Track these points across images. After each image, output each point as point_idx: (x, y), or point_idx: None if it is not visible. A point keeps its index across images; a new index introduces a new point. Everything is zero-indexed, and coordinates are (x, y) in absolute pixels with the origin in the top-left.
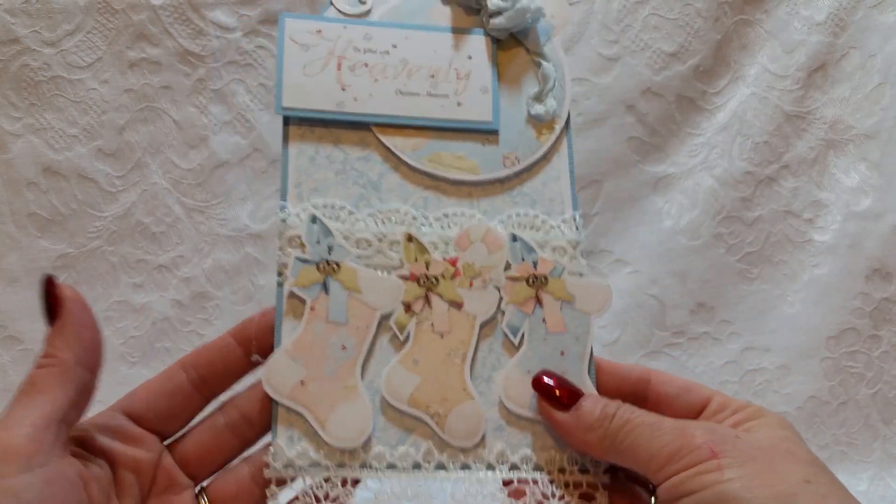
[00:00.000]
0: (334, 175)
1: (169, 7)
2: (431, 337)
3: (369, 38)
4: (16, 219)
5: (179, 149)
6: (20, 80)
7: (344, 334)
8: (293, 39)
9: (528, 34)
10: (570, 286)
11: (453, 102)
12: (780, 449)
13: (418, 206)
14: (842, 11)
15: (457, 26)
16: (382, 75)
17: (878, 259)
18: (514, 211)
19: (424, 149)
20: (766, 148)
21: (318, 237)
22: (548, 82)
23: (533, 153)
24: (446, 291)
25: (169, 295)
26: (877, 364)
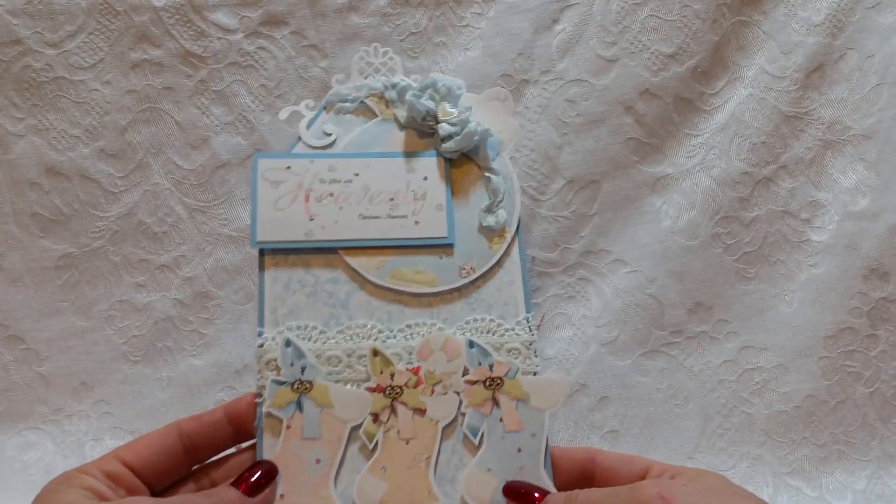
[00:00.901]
0: (306, 298)
1: (171, 9)
2: (398, 444)
3: (334, 168)
4: (18, 219)
5: (181, 149)
6: (22, 80)
7: (318, 449)
8: (265, 178)
9: (478, 152)
10: (524, 385)
11: (411, 221)
12: (727, 492)
13: (383, 319)
14: (840, 13)
15: (412, 150)
16: (346, 202)
17: (876, 259)
18: (471, 317)
19: (387, 266)
20: (763, 148)
21: (291, 360)
22: (497, 195)
23: (487, 261)
24: (410, 399)
25: (171, 294)
26: (874, 363)
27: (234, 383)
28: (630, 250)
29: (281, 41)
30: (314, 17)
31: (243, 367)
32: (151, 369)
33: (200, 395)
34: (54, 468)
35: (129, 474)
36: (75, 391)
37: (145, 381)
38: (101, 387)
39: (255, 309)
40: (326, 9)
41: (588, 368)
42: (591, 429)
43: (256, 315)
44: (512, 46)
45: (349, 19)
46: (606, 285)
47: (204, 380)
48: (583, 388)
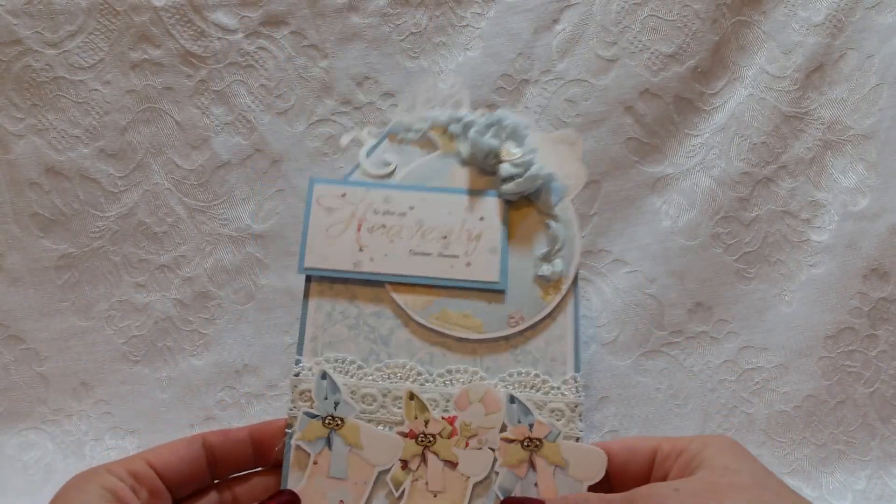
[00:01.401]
0: (348, 330)
1: (171, 9)
2: (425, 495)
3: (389, 200)
4: (18, 219)
5: (181, 149)
6: (22, 80)
7: (343, 489)
8: (319, 203)
9: (540, 195)
10: (564, 451)
11: (463, 262)
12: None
13: (424, 361)
14: (840, 13)
15: (472, 187)
16: (398, 236)
17: (876, 259)
18: (515, 369)
19: (433, 306)
20: (763, 148)
21: (326, 393)
22: (556, 243)
23: (538, 312)
24: (442, 450)
25: (171, 294)
26: (874, 363)
27: (234, 383)
28: (630, 250)
29: (281, 41)
30: (314, 17)
31: (243, 367)
32: (151, 369)
33: (200, 395)
34: (54, 468)
35: (153, 476)
36: (75, 391)
37: (145, 381)
38: (101, 387)
39: (256, 309)
40: (326, 9)
41: (588, 368)
42: (591, 429)
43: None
44: (512, 46)
45: (349, 19)
46: (606, 285)
47: (204, 380)
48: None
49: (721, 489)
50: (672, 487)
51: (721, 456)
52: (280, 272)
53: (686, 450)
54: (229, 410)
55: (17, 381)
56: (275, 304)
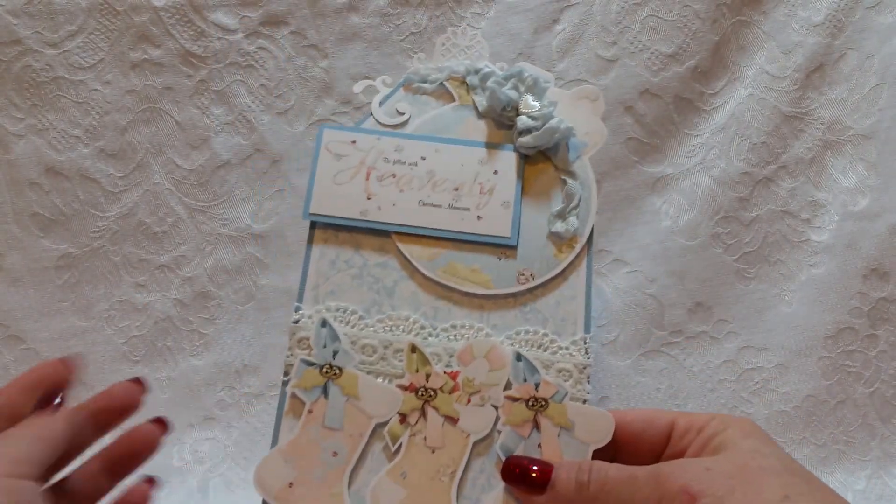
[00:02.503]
0: (351, 279)
1: (171, 9)
2: (423, 451)
3: (400, 149)
4: (18, 219)
5: (181, 149)
6: (22, 80)
7: (337, 440)
8: (328, 149)
9: (558, 151)
10: (571, 413)
11: (473, 216)
12: (752, 468)
13: (428, 315)
14: (840, 13)
15: (488, 140)
16: (408, 186)
17: (876, 259)
18: (523, 328)
19: (440, 259)
20: (763, 148)
21: (325, 341)
22: (572, 200)
23: (549, 270)
24: (443, 405)
25: (171, 294)
26: (874, 363)
27: (234, 383)
28: (630, 250)
29: (281, 41)
30: (314, 17)
31: (243, 367)
32: (151, 369)
33: (200, 395)
34: None
35: None
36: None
37: None
38: (101, 387)
39: (256, 309)
40: (326, 9)
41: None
42: None
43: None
44: (512, 46)
45: (349, 19)
46: (606, 285)
47: (204, 380)
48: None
49: (752, 472)
50: (703, 466)
51: (746, 439)
52: (280, 272)
53: (706, 427)
54: (229, 410)
55: None
56: (275, 304)
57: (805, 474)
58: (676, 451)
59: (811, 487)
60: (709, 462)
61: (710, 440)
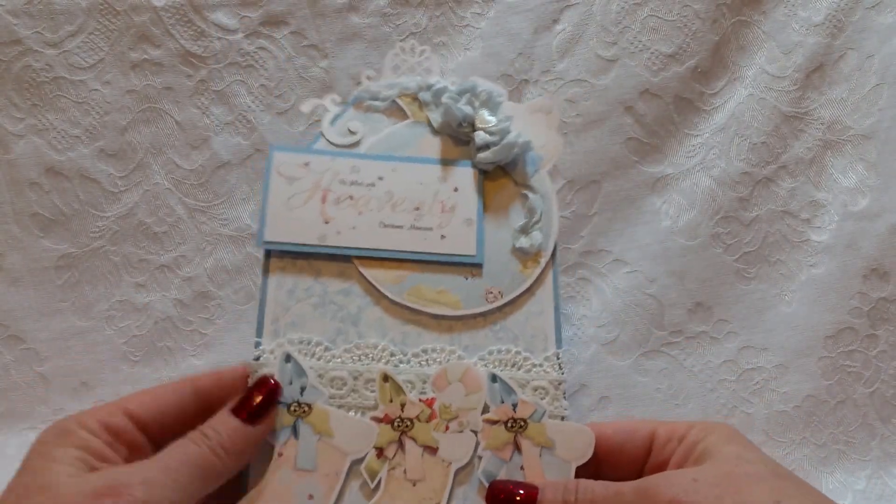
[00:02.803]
0: (312, 309)
1: (171, 9)
2: (403, 485)
3: (356, 170)
4: (18, 219)
5: (181, 149)
6: (22, 80)
7: (312, 482)
8: (279, 172)
9: (517, 165)
10: (550, 431)
11: (437, 235)
12: (739, 475)
13: (397, 341)
14: (840, 13)
15: (445, 157)
16: (367, 208)
17: (876, 259)
18: (495, 347)
19: (406, 282)
20: (763, 148)
21: (290, 377)
22: (534, 215)
23: (517, 287)
24: (421, 435)
25: (171, 294)
26: (874, 363)
27: None
28: (630, 250)
29: (281, 41)
30: (314, 17)
31: None
32: (151, 369)
33: None
34: None
35: (131, 428)
36: (75, 391)
37: (145, 381)
38: (101, 387)
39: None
40: (326, 9)
41: (588, 368)
42: None
43: (256, 323)
44: (512, 46)
45: (349, 19)
46: (606, 285)
47: None
48: (583, 388)
49: (739, 480)
50: (689, 477)
51: (728, 445)
52: None
53: (687, 435)
54: None
55: (17, 381)
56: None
57: (792, 478)
58: (659, 462)
59: (801, 491)
60: (694, 472)
61: (692, 448)
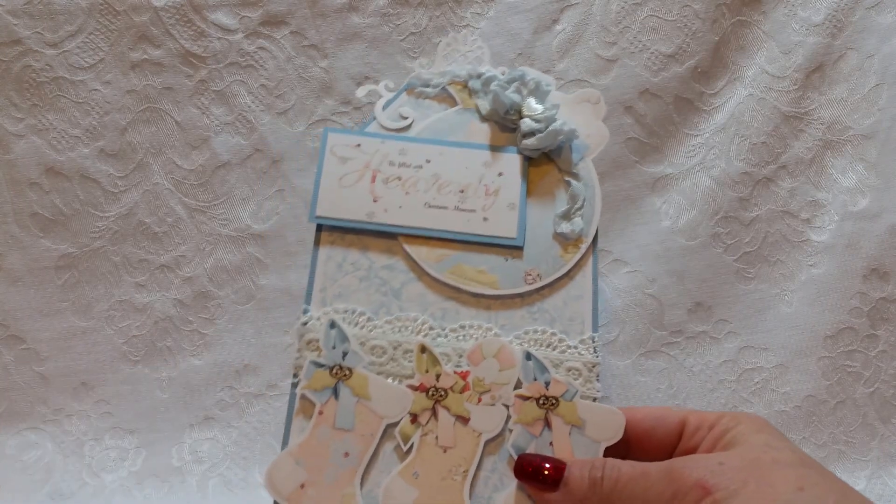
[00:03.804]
0: (358, 281)
1: (170, 9)
2: (434, 450)
3: (404, 152)
4: (18, 219)
5: (181, 149)
6: (22, 80)
7: (348, 441)
8: (333, 152)
9: (561, 153)
10: (581, 411)
11: (479, 217)
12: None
13: (436, 316)
14: (839, 13)
15: (492, 143)
16: (414, 189)
17: (876, 259)
18: (531, 327)
19: (448, 261)
20: (763, 148)
21: (334, 342)
22: (576, 201)
23: (555, 271)
24: (454, 405)
25: (171, 294)
26: (874, 363)
27: (234, 383)
28: (630, 250)
29: (281, 41)
30: (314, 17)
31: (243, 367)
32: (151, 369)
33: (200, 395)
34: (54, 468)
35: None
36: (75, 391)
37: (145, 381)
38: (101, 387)
39: (255, 309)
40: (326, 9)
41: None
42: None
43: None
44: (512, 46)
45: (349, 19)
46: (606, 285)
47: (204, 380)
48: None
49: (765, 466)
50: (716, 461)
51: (757, 434)
52: (280, 272)
53: (717, 423)
54: (229, 410)
55: (17, 381)
56: (275, 303)
57: (818, 467)
58: (687, 448)
59: (825, 479)
60: (722, 457)
61: (721, 436)
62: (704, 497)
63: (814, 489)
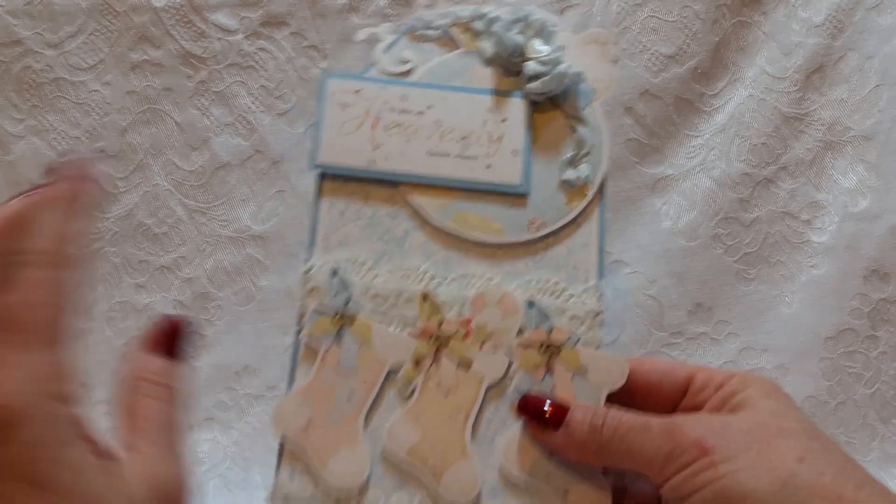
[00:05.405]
0: (360, 230)
1: (171, 9)
2: (436, 395)
3: (406, 98)
4: None
5: (181, 150)
6: (22, 81)
7: (352, 385)
8: (334, 99)
9: (567, 97)
10: (583, 357)
11: (483, 164)
12: (772, 427)
13: (439, 264)
14: (840, 13)
15: (495, 88)
16: (415, 136)
17: (876, 260)
18: (535, 276)
19: (450, 209)
20: (763, 149)
21: (336, 290)
22: (582, 148)
23: (560, 218)
24: (456, 350)
25: (171, 295)
26: (875, 364)
27: (234, 384)
28: (630, 251)
29: (281, 42)
30: (314, 18)
31: (243, 368)
32: None
33: (200, 396)
34: None
35: None
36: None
37: None
38: (100, 387)
39: (256, 309)
40: (326, 9)
41: None
42: None
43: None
44: None
45: (349, 20)
46: (606, 286)
47: (203, 381)
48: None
49: (770, 432)
50: (720, 423)
51: (766, 399)
52: (280, 273)
53: (726, 384)
54: (229, 412)
55: None
56: (274, 305)
57: (823, 439)
58: (692, 406)
59: (828, 451)
60: (726, 419)
61: (728, 398)
62: (702, 457)
63: (814, 461)
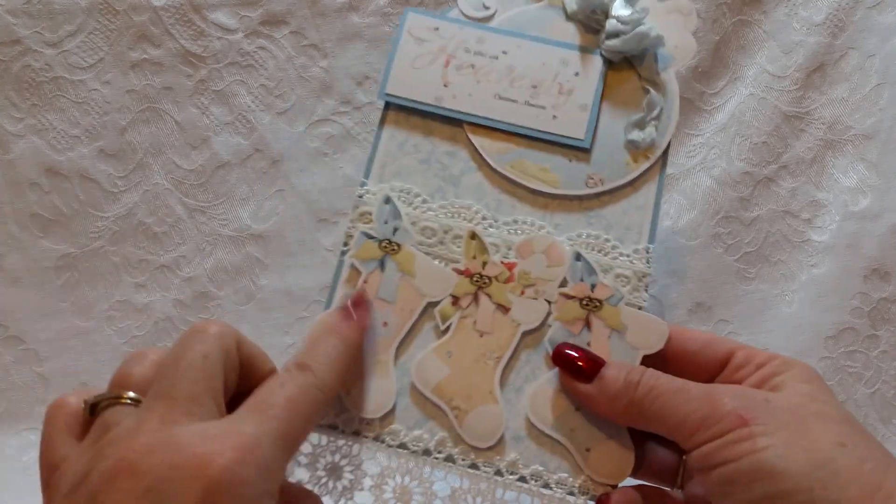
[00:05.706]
0: (418, 163)
1: (170, 8)
2: (471, 334)
3: (482, 41)
4: (18, 219)
5: (181, 149)
6: (22, 80)
7: (389, 312)
8: (410, 33)
9: (644, 60)
10: (624, 316)
11: (549, 115)
12: (811, 410)
13: (491, 207)
14: (840, 12)
15: (573, 42)
16: (486, 78)
17: (877, 259)
18: (585, 230)
19: (510, 154)
20: (764, 148)
21: (386, 217)
22: (652, 110)
23: (620, 178)
24: (497, 293)
25: (171, 295)
26: (875, 364)
27: None
28: None
29: (281, 41)
30: (314, 17)
31: None
32: None
33: None
34: None
35: None
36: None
37: None
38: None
39: (256, 309)
40: (326, 9)
41: None
42: None
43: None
44: None
45: (349, 19)
46: None
47: None
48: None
49: (809, 415)
50: (762, 397)
51: (806, 383)
52: (280, 272)
53: (766, 365)
54: None
55: (17, 381)
56: (275, 304)
57: (861, 428)
58: (730, 381)
59: (867, 441)
60: (767, 395)
61: (768, 378)
62: (740, 427)
63: (855, 448)
